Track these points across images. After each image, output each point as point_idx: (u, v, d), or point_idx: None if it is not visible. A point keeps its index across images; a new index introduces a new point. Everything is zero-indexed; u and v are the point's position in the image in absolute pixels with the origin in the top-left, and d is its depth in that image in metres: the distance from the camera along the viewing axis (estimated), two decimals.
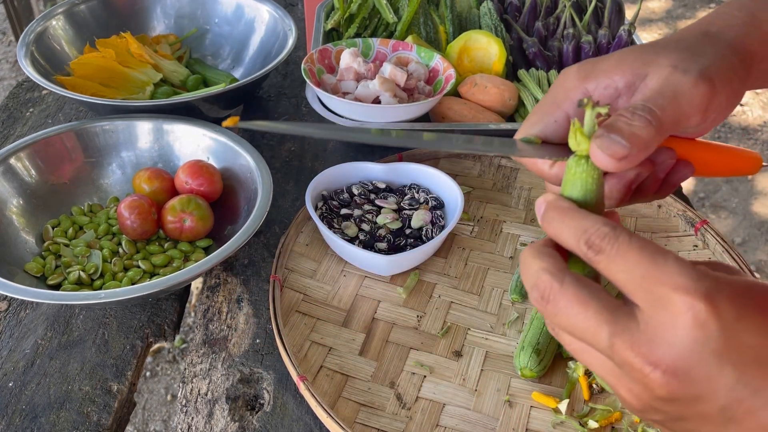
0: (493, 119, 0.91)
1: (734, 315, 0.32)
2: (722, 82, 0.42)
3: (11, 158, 0.79)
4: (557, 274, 0.36)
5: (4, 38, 2.98)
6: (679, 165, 0.48)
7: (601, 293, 0.35)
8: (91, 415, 0.64)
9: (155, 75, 0.98)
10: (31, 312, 0.74)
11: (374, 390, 0.64)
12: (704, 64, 0.42)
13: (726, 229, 2.07)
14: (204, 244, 0.79)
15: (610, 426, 0.61)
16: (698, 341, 0.32)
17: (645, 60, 0.44)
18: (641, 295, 0.33)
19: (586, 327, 0.35)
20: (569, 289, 0.35)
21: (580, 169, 0.40)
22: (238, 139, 0.83)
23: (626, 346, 0.33)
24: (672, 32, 2.91)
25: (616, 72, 0.45)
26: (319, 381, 0.65)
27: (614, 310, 0.34)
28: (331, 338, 0.69)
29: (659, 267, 0.33)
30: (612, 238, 0.34)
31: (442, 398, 0.63)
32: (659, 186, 0.49)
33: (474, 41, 0.99)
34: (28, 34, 0.97)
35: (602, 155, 0.38)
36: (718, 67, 0.43)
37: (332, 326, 0.70)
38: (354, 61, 0.91)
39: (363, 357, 0.67)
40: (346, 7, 1.05)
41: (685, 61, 0.42)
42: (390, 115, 0.86)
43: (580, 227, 0.36)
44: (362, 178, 0.82)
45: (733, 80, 0.43)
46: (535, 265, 0.37)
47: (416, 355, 0.67)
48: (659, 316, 0.33)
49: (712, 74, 0.42)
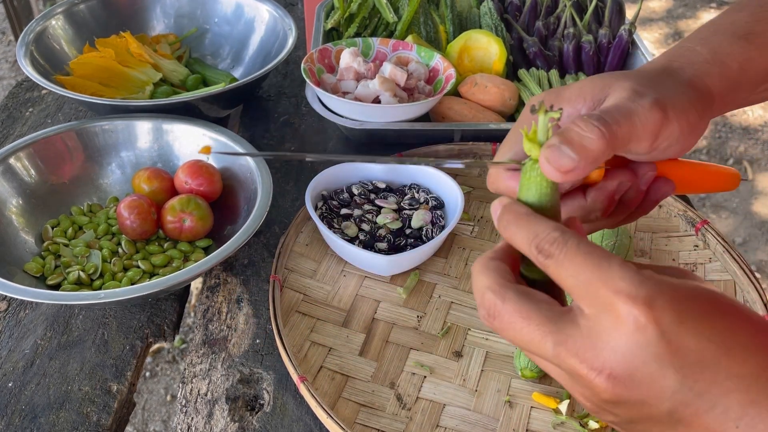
0: (493, 119, 0.91)
1: (675, 319, 0.32)
2: (676, 113, 0.43)
3: (11, 158, 0.79)
4: (499, 291, 0.37)
5: (4, 38, 2.98)
6: (660, 182, 0.49)
7: (542, 304, 0.36)
8: (90, 415, 0.64)
9: (155, 74, 0.98)
10: (30, 312, 0.74)
11: (374, 390, 0.64)
12: (660, 93, 0.43)
13: (726, 229, 2.07)
14: (204, 244, 0.79)
15: (611, 427, 0.61)
16: (639, 345, 0.32)
17: (605, 85, 0.45)
18: (587, 300, 0.34)
19: (530, 339, 0.35)
20: (511, 304, 0.36)
21: (534, 174, 0.40)
22: (238, 139, 0.83)
23: (570, 353, 0.34)
24: (672, 32, 2.91)
25: (579, 99, 0.46)
26: (319, 381, 0.64)
27: (556, 320, 0.35)
28: (331, 338, 0.69)
29: (603, 271, 0.33)
30: (561, 243, 0.35)
31: (443, 399, 0.63)
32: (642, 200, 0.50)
33: (474, 41, 0.99)
34: (28, 33, 0.97)
35: (549, 167, 0.38)
36: (674, 99, 0.43)
37: (332, 326, 0.70)
38: (354, 61, 0.90)
39: (363, 357, 0.67)
40: (346, 6, 1.05)
41: (643, 87, 0.43)
42: (390, 115, 0.86)
43: (531, 231, 0.36)
44: (362, 178, 0.82)
45: (689, 113, 0.44)
46: (480, 282, 0.38)
47: (416, 355, 0.67)
48: (603, 320, 0.33)
49: (666, 104, 0.43)
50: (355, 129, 0.88)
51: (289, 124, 1.01)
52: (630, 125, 0.41)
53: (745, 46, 0.50)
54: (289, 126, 1.01)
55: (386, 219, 0.77)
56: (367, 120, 0.87)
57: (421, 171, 0.82)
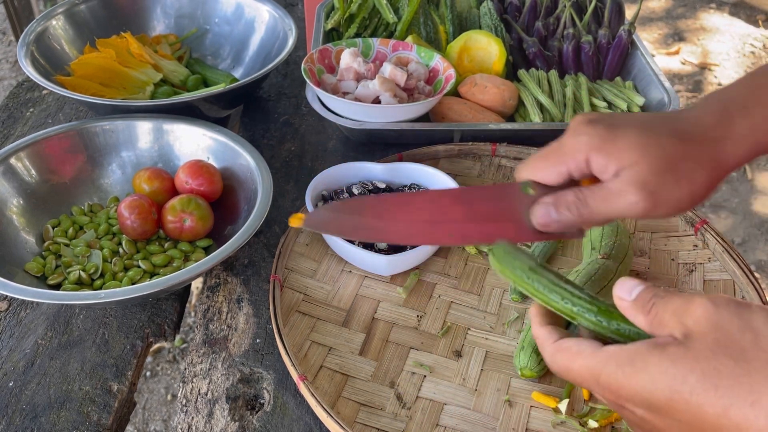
0: (492, 119, 0.91)
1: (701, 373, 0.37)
2: (668, 206, 0.50)
3: (11, 158, 0.79)
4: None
5: (4, 38, 2.98)
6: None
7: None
8: (91, 414, 0.64)
9: (155, 75, 0.98)
10: (31, 312, 0.74)
11: (374, 390, 0.64)
12: (663, 185, 0.49)
13: (726, 228, 2.07)
14: (204, 244, 0.79)
15: (610, 426, 0.61)
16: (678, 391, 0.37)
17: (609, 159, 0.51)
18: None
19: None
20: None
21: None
22: (239, 139, 0.83)
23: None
24: (672, 32, 2.91)
25: (620, 159, 0.50)
26: (319, 381, 0.65)
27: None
28: (331, 338, 0.69)
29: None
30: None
31: (442, 398, 0.63)
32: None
33: (474, 41, 0.99)
34: (29, 33, 0.97)
35: (534, 219, 0.53)
36: (674, 192, 0.50)
37: (332, 326, 0.70)
38: (354, 61, 0.91)
39: (363, 357, 0.67)
40: (346, 7, 1.05)
41: (650, 174, 0.49)
42: (390, 115, 0.86)
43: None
44: (362, 178, 0.82)
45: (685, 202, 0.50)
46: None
47: (416, 354, 0.67)
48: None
49: (660, 199, 0.50)
50: (355, 129, 0.88)
51: (289, 124, 1.01)
52: (610, 213, 0.51)
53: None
54: (289, 126, 1.01)
55: None
56: (367, 120, 0.87)
57: (421, 171, 0.82)
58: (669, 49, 2.81)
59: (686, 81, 2.66)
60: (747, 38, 2.86)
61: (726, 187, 2.19)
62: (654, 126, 0.51)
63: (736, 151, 0.51)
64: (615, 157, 0.50)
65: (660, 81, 0.94)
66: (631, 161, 0.49)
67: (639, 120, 0.52)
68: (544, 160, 0.53)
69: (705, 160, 0.50)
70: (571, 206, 0.51)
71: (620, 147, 0.50)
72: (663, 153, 0.49)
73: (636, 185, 0.49)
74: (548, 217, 0.52)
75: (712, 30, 2.92)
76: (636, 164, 0.49)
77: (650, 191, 0.49)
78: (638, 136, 0.50)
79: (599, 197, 0.51)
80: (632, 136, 0.50)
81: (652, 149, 0.50)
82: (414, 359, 0.67)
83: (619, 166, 0.50)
